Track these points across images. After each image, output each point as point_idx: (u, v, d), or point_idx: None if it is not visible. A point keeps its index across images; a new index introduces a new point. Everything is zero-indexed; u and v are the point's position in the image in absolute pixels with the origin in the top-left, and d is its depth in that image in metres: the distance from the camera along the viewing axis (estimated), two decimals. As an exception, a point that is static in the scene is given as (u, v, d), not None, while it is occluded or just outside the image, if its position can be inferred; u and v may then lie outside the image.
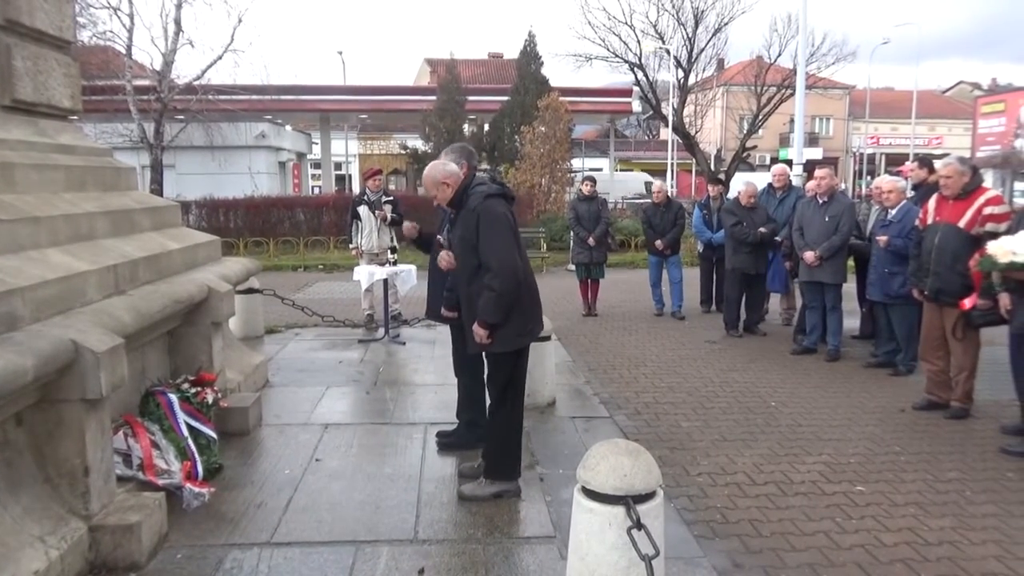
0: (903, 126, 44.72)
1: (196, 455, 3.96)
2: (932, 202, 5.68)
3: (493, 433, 4.05)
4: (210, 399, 4.34)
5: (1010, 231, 4.74)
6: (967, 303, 5.29)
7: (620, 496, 2.55)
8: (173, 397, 4.10)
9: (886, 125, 47.52)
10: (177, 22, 19.30)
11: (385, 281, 7.86)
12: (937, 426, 5.31)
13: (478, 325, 3.77)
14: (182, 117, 20.84)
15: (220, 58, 20.01)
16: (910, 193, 7.27)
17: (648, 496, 2.61)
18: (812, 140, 43.83)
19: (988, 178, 27.07)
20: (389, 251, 8.15)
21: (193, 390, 4.30)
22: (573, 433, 5.05)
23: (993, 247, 4.55)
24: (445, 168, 4.07)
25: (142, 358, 4.26)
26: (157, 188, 19.53)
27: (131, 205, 4.79)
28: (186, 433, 4.00)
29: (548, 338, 5.63)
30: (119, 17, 18.87)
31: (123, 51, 19.43)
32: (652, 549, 2.41)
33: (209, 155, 22.72)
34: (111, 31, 19.09)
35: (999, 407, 5.60)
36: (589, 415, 5.46)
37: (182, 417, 4.05)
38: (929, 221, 5.61)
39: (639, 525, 2.47)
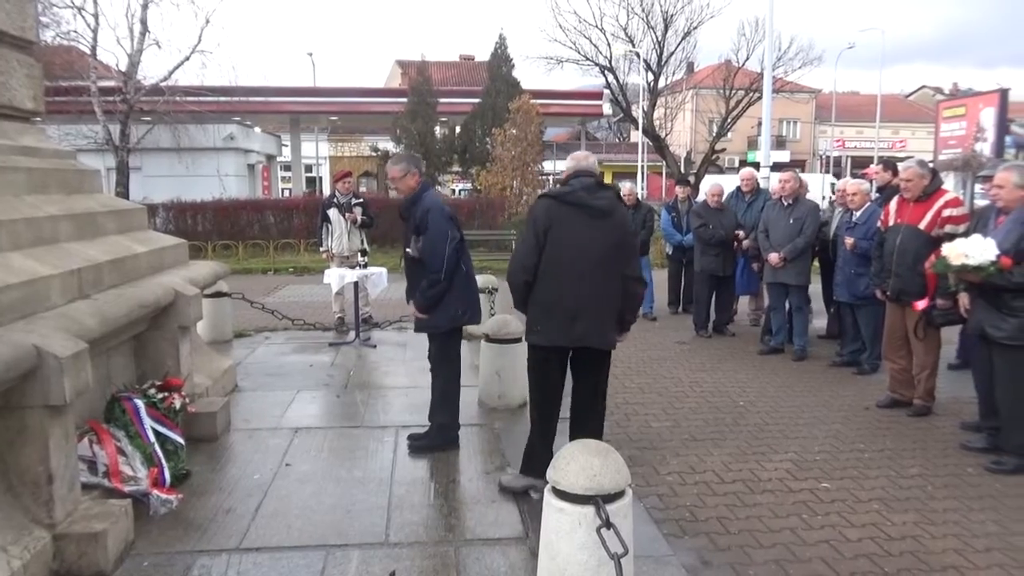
0: (868, 129, 45.58)
1: (163, 461, 3.91)
2: (893, 204, 5.81)
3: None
4: (177, 404, 4.29)
5: (967, 233, 4.82)
6: (920, 305, 5.43)
7: (590, 496, 2.58)
8: (139, 403, 4.04)
9: (852, 128, 48.39)
10: (143, 22, 19.04)
11: (356, 284, 7.82)
12: (900, 423, 5.43)
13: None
14: (148, 119, 20.55)
15: (187, 59, 19.79)
16: (874, 195, 7.42)
17: (617, 495, 2.64)
18: (780, 143, 44.48)
19: (949, 181, 27.69)
20: (360, 253, 8.11)
21: (160, 395, 4.24)
22: (544, 434, 5.06)
23: (947, 249, 4.59)
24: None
25: (107, 363, 4.19)
26: (123, 191, 19.22)
27: (95, 208, 4.71)
28: (153, 439, 3.95)
29: (519, 340, 5.64)
30: (83, 17, 18.61)
31: (88, 51, 19.12)
32: (621, 548, 2.43)
33: (176, 157, 22.41)
34: (75, 31, 18.80)
35: (960, 404, 5.73)
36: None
37: (149, 423, 3.99)
38: (891, 223, 5.73)
39: (608, 524, 2.50)
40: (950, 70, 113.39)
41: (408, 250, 4.95)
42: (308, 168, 38.09)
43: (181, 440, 4.15)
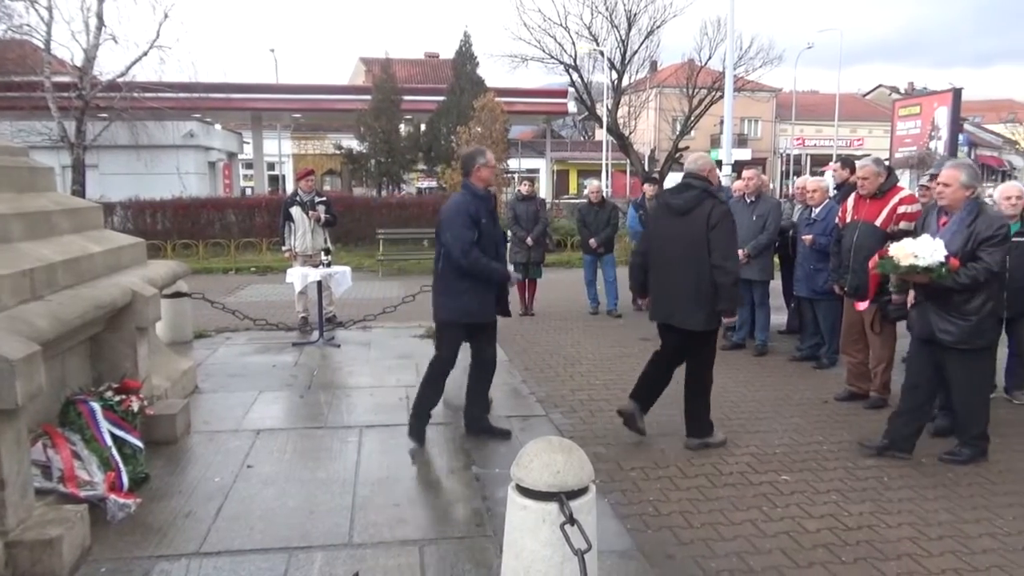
0: (827, 128, 46.42)
1: (121, 465, 3.83)
2: (850, 201, 5.92)
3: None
4: (135, 407, 4.20)
5: (916, 232, 4.78)
6: (861, 306, 5.56)
7: (553, 492, 2.58)
8: (95, 405, 3.96)
9: (811, 127, 49.25)
10: (99, 16, 18.58)
11: (319, 283, 7.75)
12: (857, 416, 5.55)
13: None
14: (105, 115, 20.07)
15: (145, 54, 19.34)
16: (833, 192, 7.55)
17: (581, 492, 2.65)
18: (741, 141, 45.08)
19: (905, 178, 28.33)
20: (323, 252, 8.04)
21: (117, 398, 4.15)
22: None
23: (895, 250, 4.44)
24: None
25: (62, 365, 4.10)
26: (79, 189, 18.75)
27: (49, 207, 4.60)
28: (110, 442, 3.87)
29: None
30: (36, 10, 18.07)
31: (41, 46, 18.60)
32: (585, 544, 2.45)
33: (134, 155, 21.91)
34: (28, 24, 18.25)
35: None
36: (525, 414, 5.51)
37: (105, 426, 3.91)
38: (848, 220, 5.84)
39: (572, 520, 2.51)
40: (908, 69, 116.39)
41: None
42: (271, 166, 37.60)
43: (139, 443, 4.08)
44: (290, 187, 32.23)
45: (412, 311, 8.74)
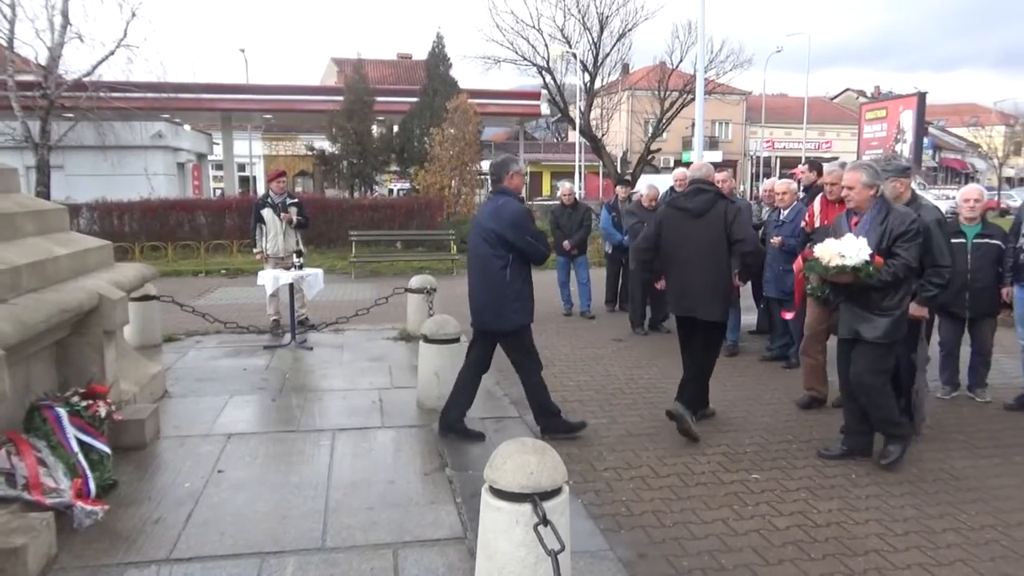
0: (796, 131, 47.09)
1: (88, 471, 3.77)
2: (817, 205, 6.00)
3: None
4: (103, 412, 4.13)
5: (834, 234, 4.58)
6: (789, 315, 5.65)
7: (527, 494, 2.59)
8: (61, 411, 3.89)
9: (780, 130, 49.92)
10: (64, 14, 18.24)
11: (291, 285, 7.68)
12: (825, 415, 5.63)
13: None
14: (71, 115, 19.70)
15: (112, 53, 19.02)
16: (801, 195, 7.66)
17: (554, 492, 2.66)
18: (712, 144, 45.55)
19: (872, 180, 28.77)
20: (295, 255, 7.97)
21: (84, 403, 4.08)
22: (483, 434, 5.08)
23: (820, 251, 4.43)
24: None
25: (26, 370, 4.02)
26: (44, 190, 18.39)
27: (12, 208, 4.51)
28: (76, 449, 3.80)
29: (457, 340, 5.64)
30: (-1, 7, 17.69)
31: (4, 44, 18.20)
32: (558, 544, 2.46)
33: (101, 155, 21.52)
34: (-11, 22, 17.86)
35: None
36: (499, 416, 5.51)
37: (72, 432, 3.84)
38: (816, 224, 5.92)
39: (545, 521, 2.52)
40: (875, 73, 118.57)
41: None
42: (241, 167, 37.12)
43: (107, 449, 4.01)
44: (261, 189, 31.91)
45: (385, 313, 8.71)
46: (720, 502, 4.11)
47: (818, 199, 6.04)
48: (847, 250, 4.28)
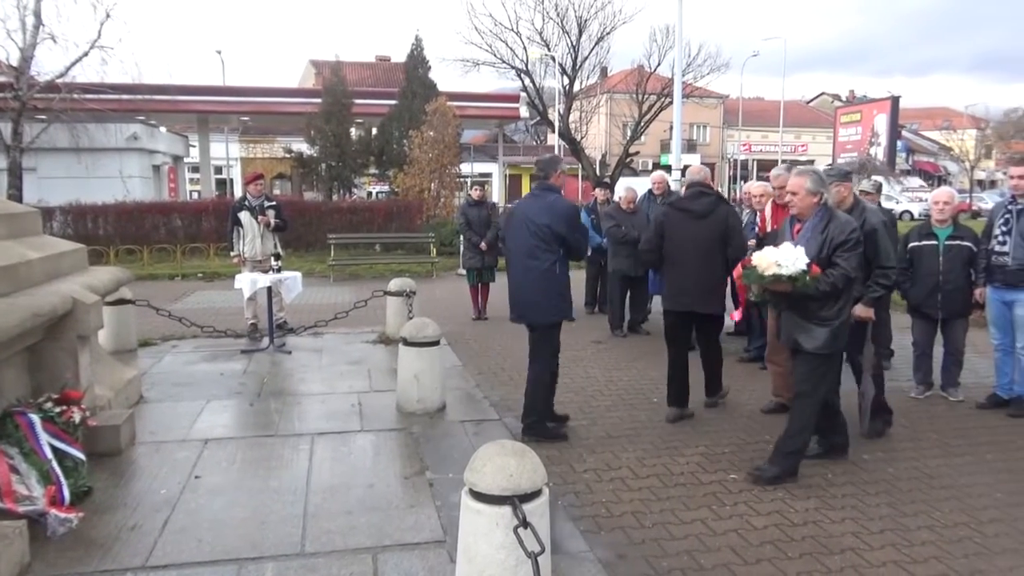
0: (772, 134, 47.58)
1: (62, 478, 3.71)
2: (768, 209, 6.06)
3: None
4: (77, 418, 4.08)
5: (776, 242, 4.52)
6: (736, 316, 5.72)
7: (506, 496, 2.60)
8: (34, 417, 3.83)
9: (757, 133, 50.45)
10: (36, 15, 17.98)
11: (269, 289, 7.63)
12: (803, 415, 5.68)
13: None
14: (43, 117, 19.41)
15: (86, 54, 18.78)
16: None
17: (534, 495, 2.67)
18: (690, 147, 45.89)
19: (847, 183, 29.15)
20: (273, 258, 7.92)
21: (58, 409, 4.03)
22: (463, 437, 5.08)
23: (757, 259, 4.31)
24: None
25: (-2, 377, 3.96)
26: (16, 193, 18.10)
27: (-17, 212, 4.44)
28: (50, 455, 3.75)
29: (437, 343, 5.64)
30: (-32, 8, 17.40)
31: (-26, 45, 17.93)
32: (538, 546, 2.46)
33: (75, 158, 21.23)
34: (-41, 23, 17.56)
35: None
36: (479, 418, 5.51)
37: (45, 438, 3.79)
38: (768, 228, 5.97)
39: (525, 523, 2.52)
40: (850, 78, 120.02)
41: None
42: (218, 170, 36.80)
43: (81, 455, 3.96)
44: (238, 191, 31.65)
45: (364, 317, 8.68)
46: (699, 502, 4.14)
47: (770, 203, 6.12)
48: (784, 259, 4.17)
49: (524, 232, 4.99)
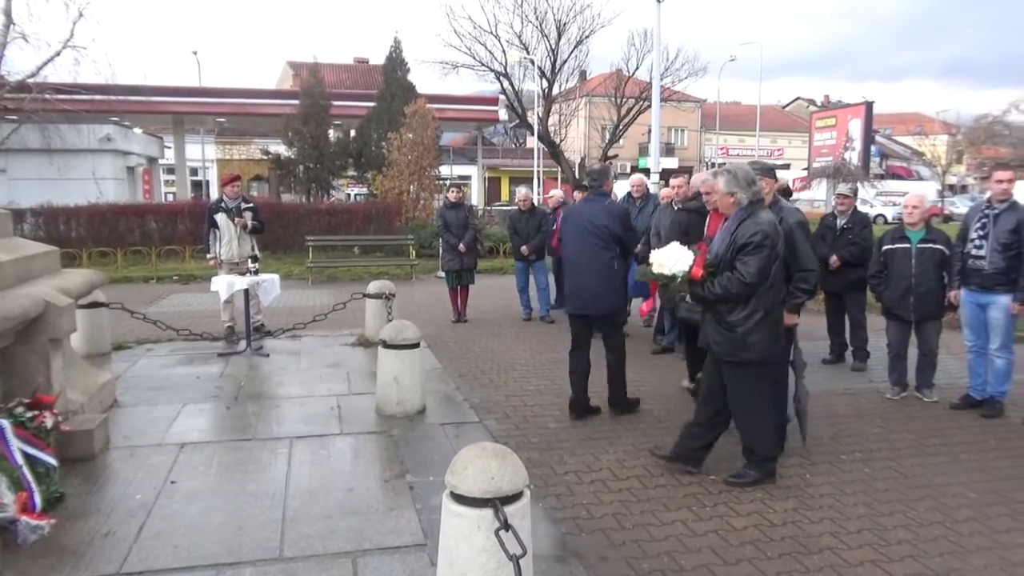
0: (749, 138, 48.08)
1: (33, 485, 3.64)
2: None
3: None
4: (49, 423, 4.00)
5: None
6: (645, 308, 5.78)
7: (488, 499, 2.58)
8: (5, 422, 3.75)
9: (734, 137, 50.93)
10: (7, 13, 17.75)
11: (246, 291, 7.55)
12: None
13: None
14: (14, 117, 19.11)
15: (58, 54, 18.57)
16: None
17: (515, 497, 2.66)
18: (668, 150, 46.25)
19: (821, 188, 29.52)
20: (250, 260, 7.83)
21: (29, 414, 3.95)
22: (444, 439, 5.05)
23: (653, 257, 4.35)
24: None
25: (-33, 381, 3.87)
26: (-15, 194, 17.80)
27: (-49, 213, 4.35)
28: (20, 461, 3.67)
29: (416, 345, 5.61)
30: (-64, 6, 17.10)
31: (-58, 43, 17.61)
32: (520, 549, 2.45)
33: (47, 159, 20.90)
34: (-73, 21, 17.24)
35: (833, 396, 6.13)
36: (459, 421, 5.49)
37: (16, 444, 3.71)
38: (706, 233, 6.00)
39: (507, 526, 2.51)
40: (825, 83, 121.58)
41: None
42: (194, 171, 36.44)
43: (53, 461, 3.88)
44: (214, 193, 31.32)
45: (343, 319, 8.62)
46: (679, 504, 4.15)
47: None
48: (667, 259, 4.23)
49: (583, 232, 5.54)
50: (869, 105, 28.74)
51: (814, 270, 4.73)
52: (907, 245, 6.05)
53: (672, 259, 4.20)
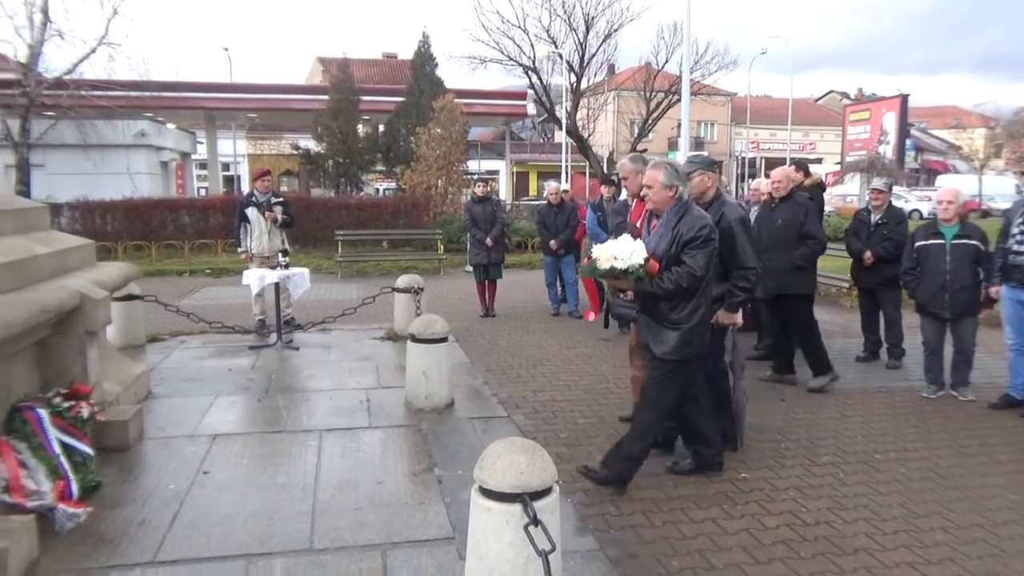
0: (780, 132, 47.38)
1: (70, 473, 3.71)
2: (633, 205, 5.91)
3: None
4: (85, 413, 4.07)
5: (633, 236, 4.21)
6: (591, 316, 5.55)
7: (517, 494, 2.57)
8: (43, 412, 3.82)
9: (765, 131, 50.22)
10: (44, 11, 18.05)
11: (277, 285, 7.62)
12: (814, 414, 5.65)
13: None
14: (52, 113, 19.48)
15: (93, 51, 18.85)
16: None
17: (544, 492, 2.64)
18: (698, 144, 45.74)
19: (855, 182, 29.04)
20: (280, 254, 7.90)
21: (66, 404, 4.02)
22: (472, 434, 5.05)
23: (597, 251, 4.10)
24: None
25: (7, 371, 3.95)
26: (24, 189, 18.18)
27: (-8, 207, 4.44)
28: (58, 450, 3.74)
29: (445, 339, 5.61)
30: (-24, 5, 17.47)
31: (-18, 41, 17.99)
32: (549, 544, 2.44)
33: (83, 154, 21.28)
34: (-33, 20, 17.64)
35: (867, 395, 6.02)
36: (487, 415, 5.49)
37: (53, 433, 3.78)
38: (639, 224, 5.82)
39: (536, 521, 2.50)
40: (858, 76, 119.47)
41: None
42: (225, 166, 36.91)
43: (90, 451, 3.95)
44: (245, 188, 31.70)
45: (372, 313, 8.66)
46: (709, 501, 4.11)
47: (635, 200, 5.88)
48: (620, 252, 3.94)
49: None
50: (904, 98, 28.18)
51: (754, 267, 4.58)
52: (941, 241, 5.91)
53: (626, 252, 3.92)
